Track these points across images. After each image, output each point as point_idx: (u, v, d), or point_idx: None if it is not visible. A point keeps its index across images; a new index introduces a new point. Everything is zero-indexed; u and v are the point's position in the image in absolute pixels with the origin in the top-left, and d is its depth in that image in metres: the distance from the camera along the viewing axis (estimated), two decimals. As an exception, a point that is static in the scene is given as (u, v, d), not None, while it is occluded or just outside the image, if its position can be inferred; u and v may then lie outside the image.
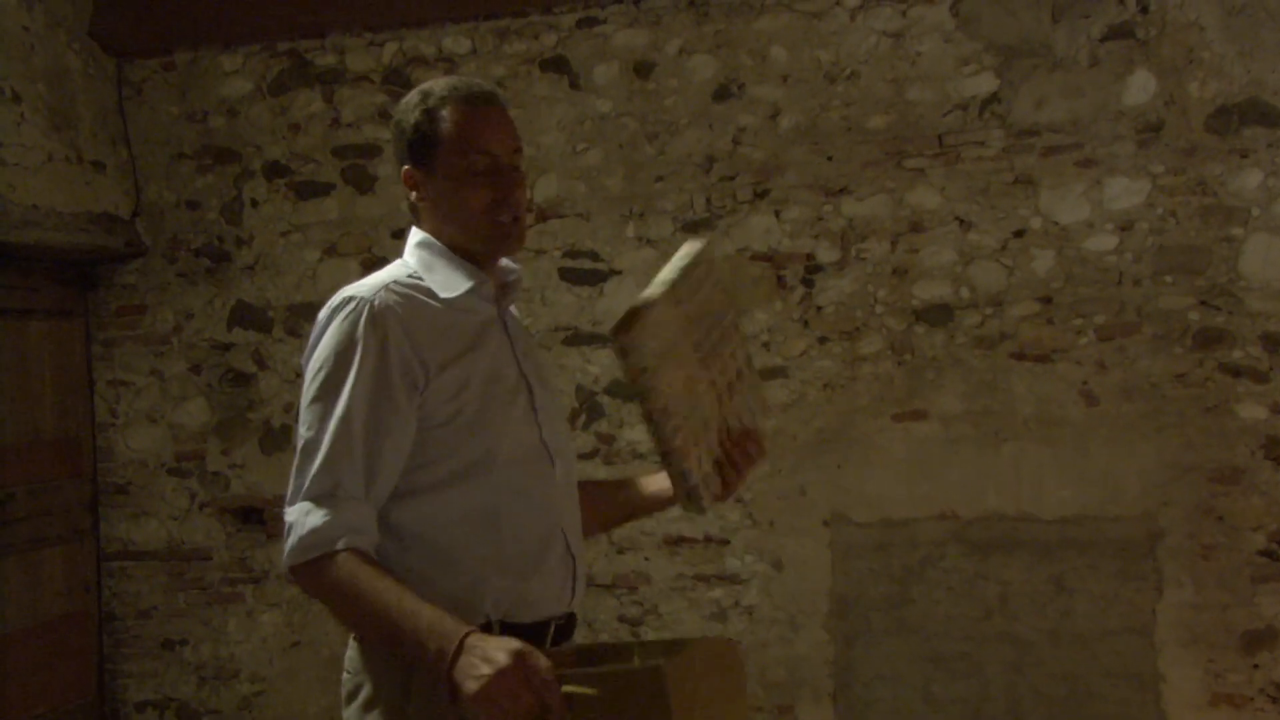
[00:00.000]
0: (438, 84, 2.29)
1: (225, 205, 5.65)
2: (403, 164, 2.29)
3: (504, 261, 2.36)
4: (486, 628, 2.11)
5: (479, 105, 2.25)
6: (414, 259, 2.28)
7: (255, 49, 5.59)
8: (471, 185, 2.22)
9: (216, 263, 5.66)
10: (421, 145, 2.25)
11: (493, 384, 2.22)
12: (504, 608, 2.16)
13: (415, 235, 2.32)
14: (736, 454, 2.33)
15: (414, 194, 2.29)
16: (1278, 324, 4.57)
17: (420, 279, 2.24)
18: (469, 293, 2.25)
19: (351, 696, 2.21)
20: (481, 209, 2.23)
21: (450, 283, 2.24)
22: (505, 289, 2.36)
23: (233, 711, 5.62)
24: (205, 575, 5.65)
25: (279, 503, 5.43)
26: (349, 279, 5.41)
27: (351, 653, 2.23)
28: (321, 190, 5.54)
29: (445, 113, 2.24)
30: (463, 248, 2.27)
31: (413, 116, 2.26)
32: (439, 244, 2.28)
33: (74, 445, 5.70)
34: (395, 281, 2.22)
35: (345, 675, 2.24)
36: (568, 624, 2.31)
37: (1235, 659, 4.60)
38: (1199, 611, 4.64)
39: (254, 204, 5.62)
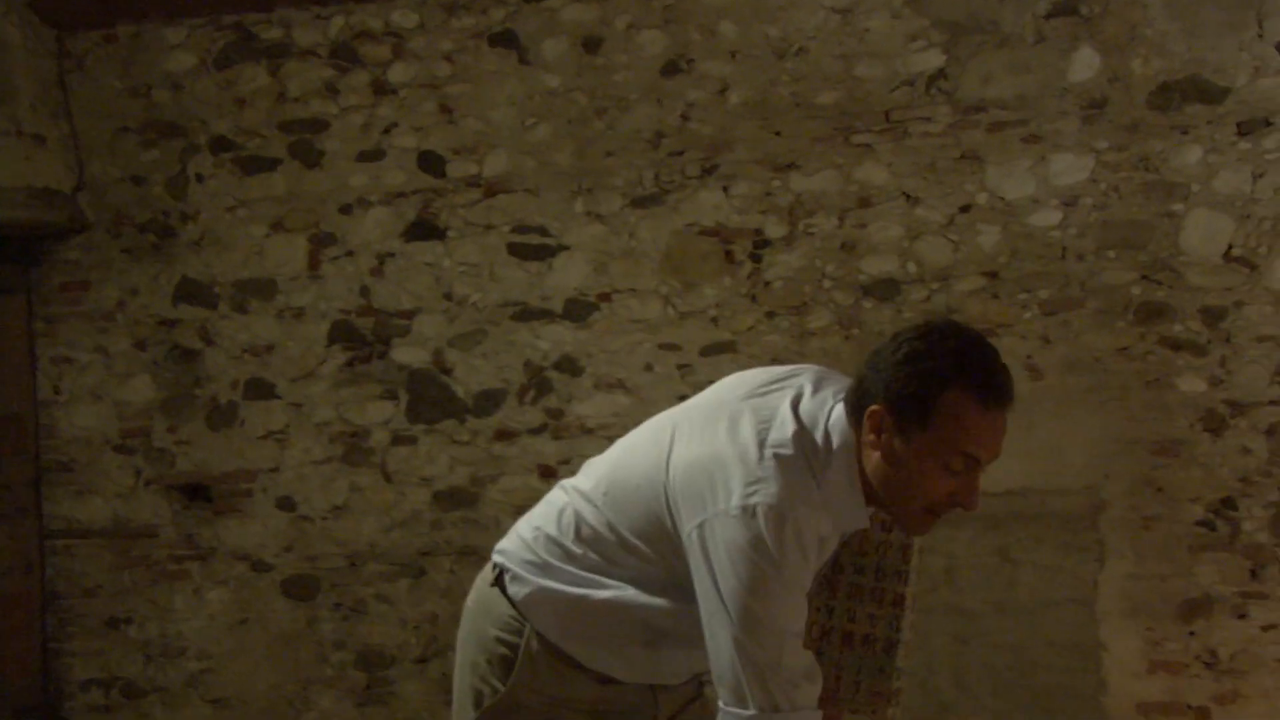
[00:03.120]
0: (963, 362, 2.07)
1: (170, 180, 5.59)
2: (875, 396, 2.09)
3: None
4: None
5: (992, 410, 2.08)
6: (836, 471, 2.15)
7: (199, 22, 5.52)
8: (939, 479, 2.09)
9: (161, 238, 5.60)
10: (914, 410, 2.06)
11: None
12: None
13: (846, 435, 2.15)
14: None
15: (870, 433, 2.10)
16: (1216, 298, 4.65)
17: (826, 496, 2.14)
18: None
19: (490, 655, 2.37)
20: (931, 500, 2.11)
21: (841, 520, 2.18)
22: None
23: (180, 689, 5.58)
24: (151, 553, 5.60)
25: (226, 479, 5.50)
26: (296, 255, 5.50)
27: (512, 615, 2.36)
28: (268, 165, 5.49)
29: (959, 401, 2.05)
30: (874, 495, 2.16)
31: (919, 379, 2.06)
32: (859, 473, 2.14)
33: (16, 423, 5.63)
34: (813, 504, 2.12)
35: (496, 633, 2.37)
36: None
37: (1173, 627, 4.68)
38: (1139, 581, 4.72)
39: (199, 179, 5.56)
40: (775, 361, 4.97)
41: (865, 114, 4.93)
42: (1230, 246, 4.64)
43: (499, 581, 2.39)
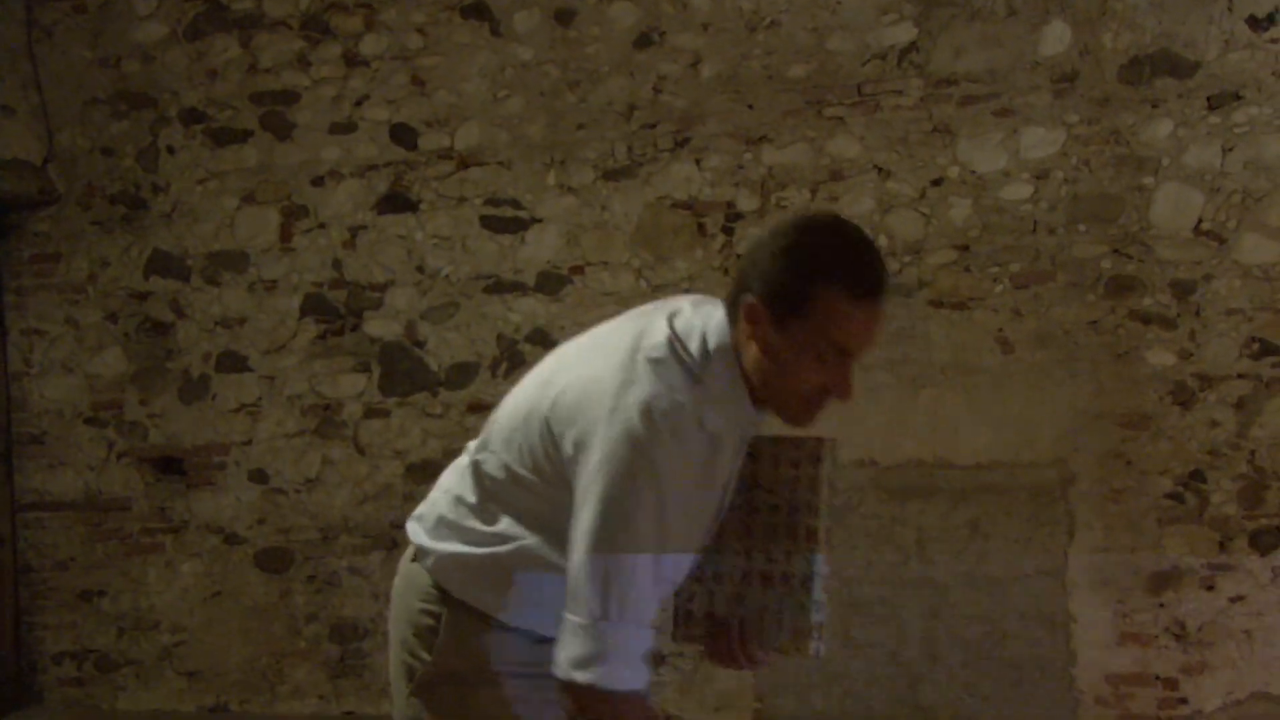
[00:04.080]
0: (838, 253, 2.07)
1: (141, 152, 5.56)
2: (751, 289, 2.09)
3: None
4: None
5: (866, 303, 2.06)
6: (716, 369, 2.14)
7: (170, -8, 5.50)
8: (809, 369, 2.08)
9: (132, 210, 5.57)
10: (786, 303, 2.05)
11: (709, 501, 2.19)
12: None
13: (721, 334, 2.16)
14: (738, 645, 2.28)
15: (748, 325, 2.10)
16: (1186, 272, 4.66)
17: (706, 393, 2.12)
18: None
19: (416, 627, 2.34)
20: (803, 390, 2.11)
21: (730, 418, 2.14)
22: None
23: (153, 662, 5.59)
24: (124, 525, 5.60)
25: (198, 452, 5.49)
26: (268, 227, 5.47)
27: (430, 586, 2.32)
28: (239, 137, 5.47)
29: (829, 295, 2.04)
30: (755, 390, 2.15)
31: (793, 270, 2.06)
32: (739, 369, 2.13)
33: (-13, 395, 5.62)
34: (689, 400, 2.09)
35: (419, 604, 2.33)
36: None
37: (1142, 599, 4.71)
38: (1108, 554, 4.74)
39: (170, 151, 5.53)
40: (747, 335, 4.99)
41: (837, 87, 4.92)
42: (1200, 220, 4.65)
43: (417, 555, 2.39)
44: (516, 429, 2.25)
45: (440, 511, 2.35)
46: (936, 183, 4.86)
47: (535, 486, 2.21)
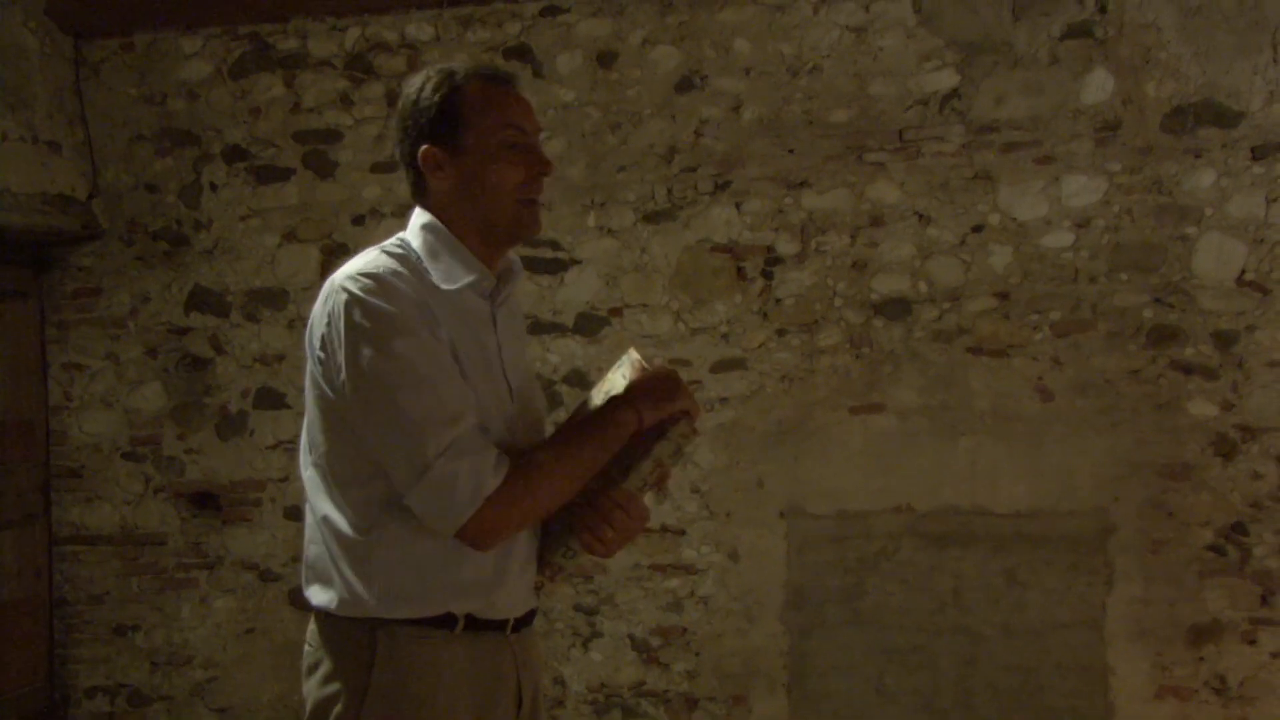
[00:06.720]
0: (458, 64, 2.27)
1: (184, 188, 5.60)
2: (418, 143, 2.22)
3: (508, 254, 2.33)
4: (450, 621, 2.18)
5: (506, 84, 2.25)
6: (418, 241, 2.24)
7: (216, 31, 5.54)
8: (505, 161, 2.21)
9: (174, 246, 5.61)
10: (447, 122, 2.20)
11: (483, 381, 2.20)
12: (469, 610, 2.21)
13: (421, 217, 2.27)
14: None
15: (436, 174, 2.22)
16: (1228, 322, 4.63)
17: (422, 264, 2.21)
18: (468, 286, 2.22)
19: (311, 670, 2.23)
20: (514, 186, 2.22)
21: (452, 274, 2.21)
22: (503, 281, 2.32)
23: (185, 698, 5.58)
24: (159, 561, 5.61)
25: (235, 488, 5.51)
26: (308, 265, 5.49)
27: (313, 627, 2.26)
28: (281, 175, 5.51)
29: (473, 89, 2.21)
30: (479, 232, 2.24)
31: (435, 94, 2.21)
32: (445, 230, 2.23)
33: (27, 428, 5.64)
34: (401, 263, 2.18)
35: (306, 649, 2.26)
36: (527, 616, 2.36)
37: (1181, 652, 4.66)
38: (1148, 605, 4.70)
39: (213, 188, 5.58)
40: (785, 379, 4.98)
41: (878, 133, 4.93)
42: (1243, 271, 4.63)
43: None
44: (312, 419, 2.23)
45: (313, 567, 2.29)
46: (977, 229, 4.85)
47: (326, 451, 2.20)
